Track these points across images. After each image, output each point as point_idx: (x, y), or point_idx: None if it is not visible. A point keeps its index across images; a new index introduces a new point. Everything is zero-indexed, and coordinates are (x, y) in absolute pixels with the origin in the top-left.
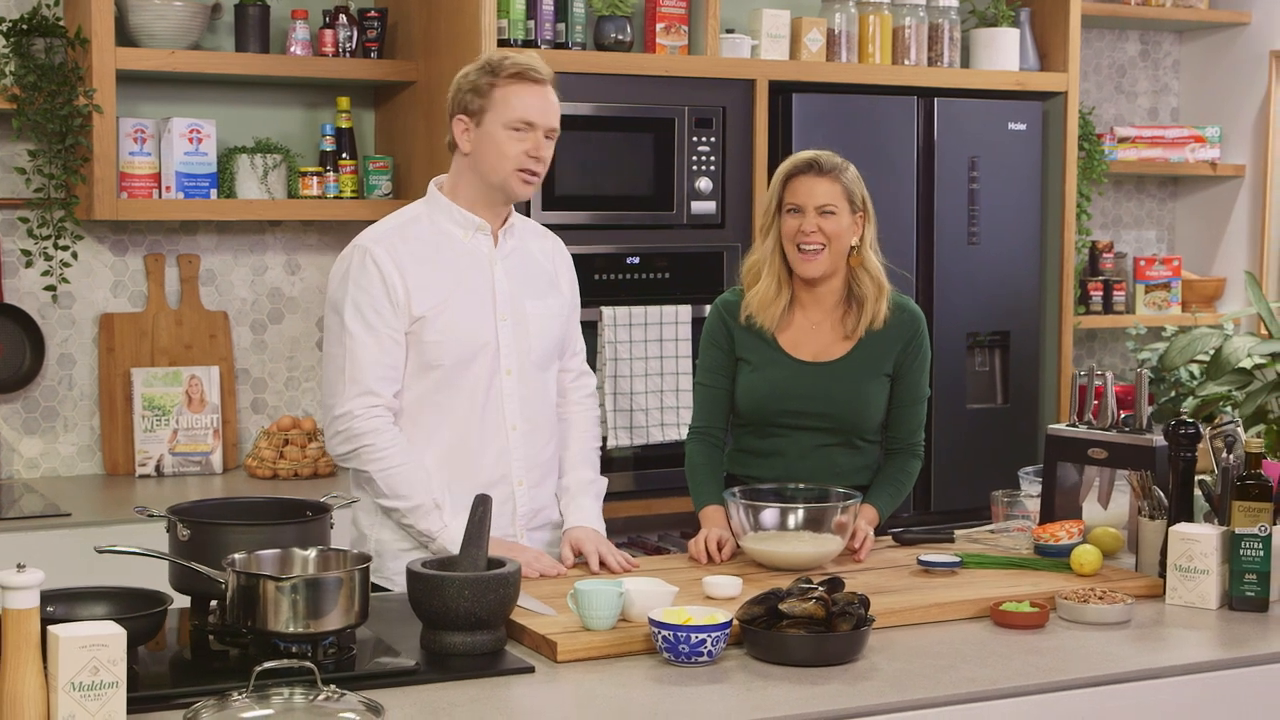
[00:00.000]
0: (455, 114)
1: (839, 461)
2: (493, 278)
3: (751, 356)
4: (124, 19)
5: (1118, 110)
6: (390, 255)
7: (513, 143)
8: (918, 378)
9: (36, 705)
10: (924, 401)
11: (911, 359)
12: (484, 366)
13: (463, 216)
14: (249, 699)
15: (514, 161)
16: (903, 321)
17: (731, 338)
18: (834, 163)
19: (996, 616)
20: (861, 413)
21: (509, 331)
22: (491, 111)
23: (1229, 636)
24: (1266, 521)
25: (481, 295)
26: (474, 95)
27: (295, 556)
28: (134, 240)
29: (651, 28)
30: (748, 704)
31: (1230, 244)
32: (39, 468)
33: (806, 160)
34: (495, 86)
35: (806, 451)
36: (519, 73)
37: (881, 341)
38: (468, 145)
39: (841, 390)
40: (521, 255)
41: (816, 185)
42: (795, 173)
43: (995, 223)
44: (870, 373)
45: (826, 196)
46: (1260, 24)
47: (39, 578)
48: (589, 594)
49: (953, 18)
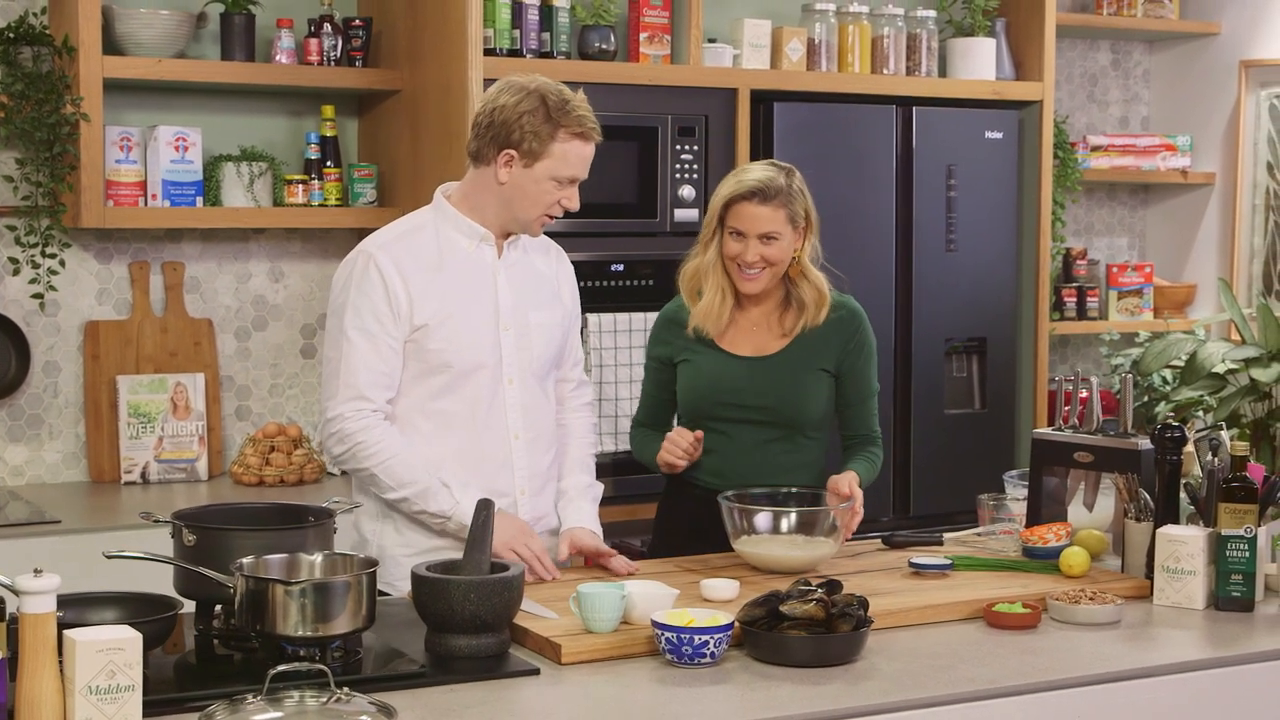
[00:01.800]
0: (504, 145)
1: (779, 459)
2: (496, 288)
3: (691, 356)
4: (111, 27)
5: (1089, 119)
6: (394, 262)
7: (553, 192)
8: (864, 373)
9: (54, 708)
10: (874, 396)
11: (855, 356)
12: (487, 376)
13: (468, 226)
14: (263, 701)
15: (546, 208)
16: (842, 319)
17: (671, 343)
18: (777, 186)
19: (990, 617)
20: (799, 405)
21: (511, 342)
22: (547, 160)
23: (1217, 636)
24: (1251, 523)
25: (485, 305)
26: (533, 137)
27: (302, 561)
28: (119, 248)
29: (635, 37)
30: (752, 704)
31: (1200, 251)
32: (24, 475)
33: (749, 188)
34: (556, 139)
35: (747, 448)
36: (583, 132)
37: (820, 337)
38: (506, 179)
39: (778, 382)
40: (525, 266)
41: (759, 213)
42: (740, 198)
43: (972, 230)
44: (807, 366)
45: (769, 224)
46: (1229, 34)
47: (55, 582)
48: (592, 597)
49: (930, 28)
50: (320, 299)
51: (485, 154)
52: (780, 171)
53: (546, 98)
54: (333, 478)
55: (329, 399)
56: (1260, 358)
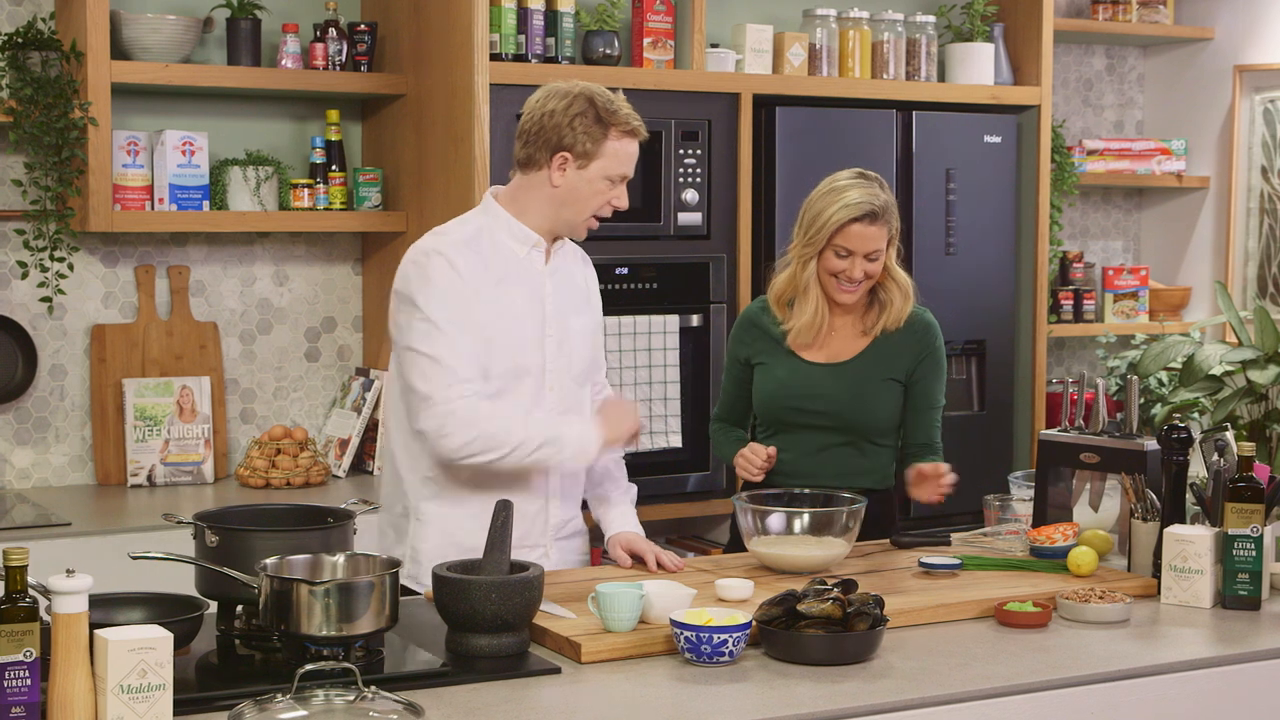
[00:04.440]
0: (557, 149)
1: (849, 462)
2: (543, 295)
3: (768, 359)
4: (118, 33)
5: (1085, 123)
6: (464, 260)
7: (605, 192)
8: (931, 386)
9: (86, 707)
10: (939, 409)
11: (926, 368)
12: (531, 382)
13: (522, 232)
14: (290, 700)
15: (597, 209)
16: (916, 331)
17: (749, 347)
18: (883, 204)
19: (1001, 616)
20: (867, 413)
21: (554, 347)
22: (601, 160)
23: (1224, 634)
24: (1258, 522)
25: (534, 312)
26: (586, 138)
27: (325, 562)
28: (124, 252)
29: (639, 42)
30: (771, 701)
31: (1195, 254)
32: (31, 478)
33: (863, 211)
34: (608, 138)
35: (813, 451)
36: (632, 130)
37: (894, 346)
38: (561, 181)
39: (847, 390)
40: (565, 273)
41: (869, 233)
42: (852, 220)
43: (971, 233)
44: (878, 374)
45: (877, 243)
46: (1223, 39)
47: (88, 582)
48: (611, 596)
49: (930, 33)
50: (325, 302)
51: (537, 159)
52: (875, 184)
53: (595, 100)
54: (338, 480)
55: (435, 389)
56: (1257, 360)
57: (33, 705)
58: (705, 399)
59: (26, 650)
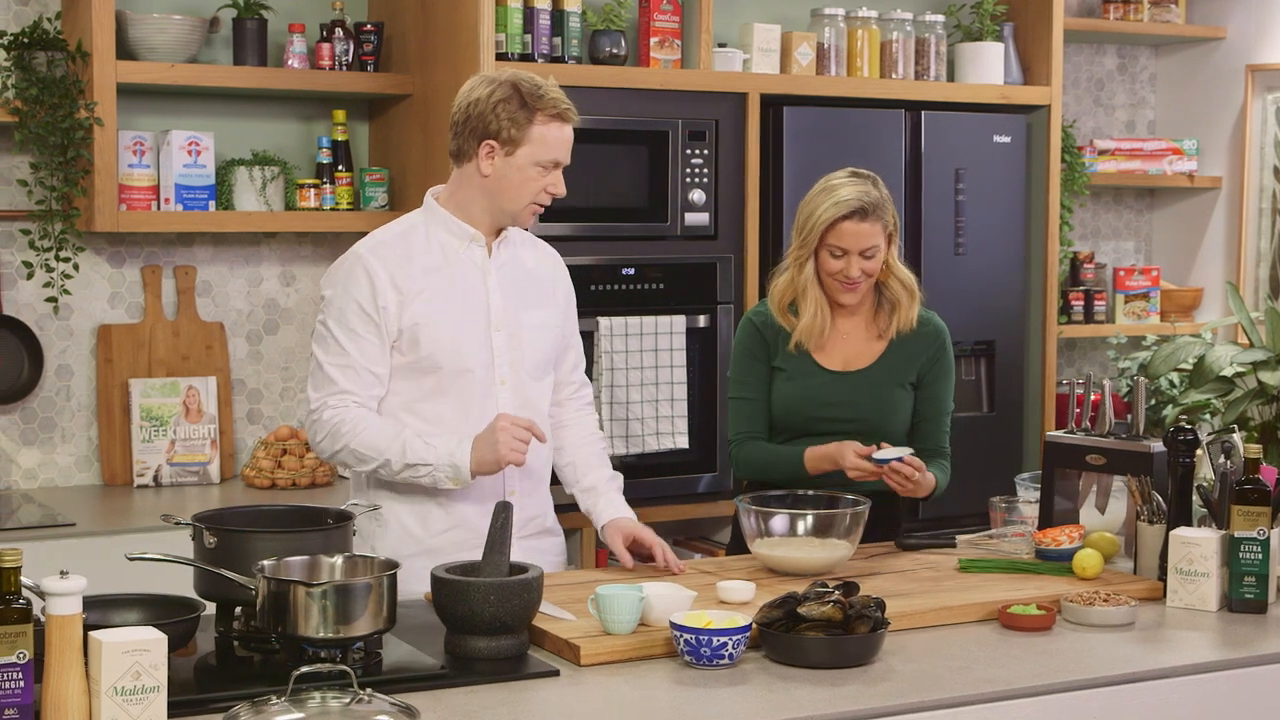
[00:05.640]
0: (483, 137)
1: None
2: (486, 288)
3: (785, 365)
4: (124, 33)
5: (1096, 123)
6: (383, 264)
7: (538, 179)
8: (940, 390)
9: (79, 709)
10: (948, 414)
11: (936, 371)
12: (478, 377)
13: (458, 227)
14: (286, 702)
15: (533, 196)
16: (927, 334)
17: (768, 349)
18: (874, 201)
19: (1004, 619)
20: (887, 418)
21: (503, 342)
22: (527, 146)
23: (1230, 638)
24: (1265, 525)
25: (475, 305)
26: (510, 125)
27: (323, 563)
28: (131, 252)
29: (645, 42)
30: (771, 705)
31: (1207, 255)
32: (37, 478)
33: (852, 208)
34: (533, 123)
35: None
36: (559, 114)
37: (907, 350)
38: (490, 170)
39: (868, 397)
40: (515, 265)
41: (861, 229)
42: (841, 218)
43: (981, 234)
44: (894, 380)
45: (870, 240)
46: (1235, 39)
47: (82, 584)
48: (610, 599)
49: (939, 32)
50: None
51: (466, 150)
52: (868, 181)
53: (519, 85)
54: (344, 481)
55: (312, 392)
56: (1268, 361)
57: (26, 707)
58: (712, 400)
59: (20, 652)
